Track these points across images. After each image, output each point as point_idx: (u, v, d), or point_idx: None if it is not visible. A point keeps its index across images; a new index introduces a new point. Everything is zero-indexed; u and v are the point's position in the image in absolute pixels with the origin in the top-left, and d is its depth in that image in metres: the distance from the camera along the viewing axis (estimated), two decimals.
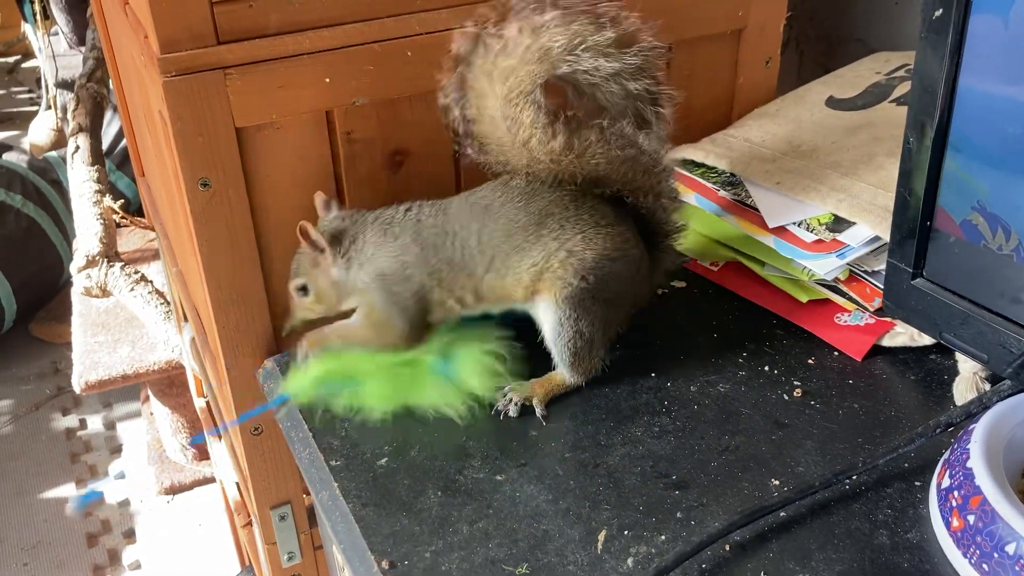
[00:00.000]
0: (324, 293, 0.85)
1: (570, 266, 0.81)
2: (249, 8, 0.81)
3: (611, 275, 0.82)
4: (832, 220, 0.88)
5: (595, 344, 0.83)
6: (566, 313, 0.81)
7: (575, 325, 0.81)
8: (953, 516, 0.68)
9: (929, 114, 0.68)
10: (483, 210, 0.83)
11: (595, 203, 0.83)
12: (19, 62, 4.81)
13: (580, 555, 0.70)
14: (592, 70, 0.79)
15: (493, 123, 0.81)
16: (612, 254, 0.82)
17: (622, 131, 0.81)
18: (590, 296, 0.81)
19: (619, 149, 0.81)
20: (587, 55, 0.78)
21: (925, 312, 0.75)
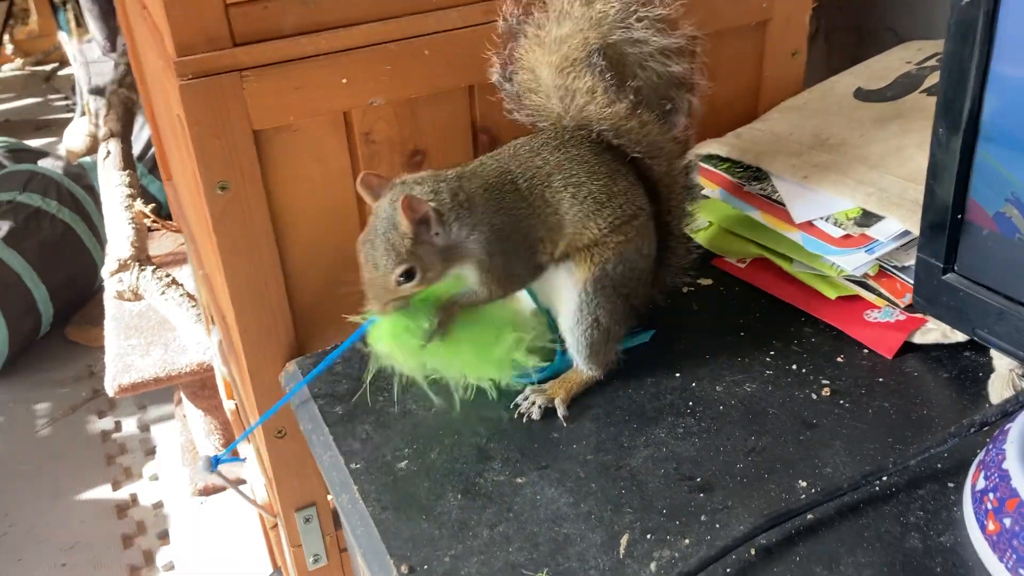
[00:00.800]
0: (430, 269, 0.76)
1: (597, 251, 0.80)
2: (264, 9, 0.80)
3: (634, 271, 0.82)
4: (860, 214, 0.85)
5: (611, 336, 0.83)
6: (585, 298, 0.81)
7: (594, 312, 0.81)
8: (989, 519, 0.65)
9: (959, 103, 0.66)
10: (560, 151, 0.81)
11: (631, 184, 0.83)
12: (56, 70, 4.88)
13: (602, 559, 0.69)
14: (642, 41, 0.80)
15: (547, 93, 0.81)
16: (643, 249, 0.83)
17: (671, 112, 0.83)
18: (611, 286, 0.81)
19: (665, 131, 0.83)
20: (640, 25, 0.79)
21: (957, 308, 0.73)
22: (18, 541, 2.17)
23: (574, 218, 0.80)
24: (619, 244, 0.80)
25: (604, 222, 0.80)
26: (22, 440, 2.48)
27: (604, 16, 0.78)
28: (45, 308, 2.71)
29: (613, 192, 0.80)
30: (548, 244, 0.81)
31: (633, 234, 0.81)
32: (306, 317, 0.94)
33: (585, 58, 0.78)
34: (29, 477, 2.36)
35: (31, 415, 2.58)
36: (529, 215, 0.79)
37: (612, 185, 0.81)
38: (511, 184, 0.79)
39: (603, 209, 0.80)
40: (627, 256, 0.81)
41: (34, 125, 4.31)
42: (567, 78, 0.79)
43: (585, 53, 0.78)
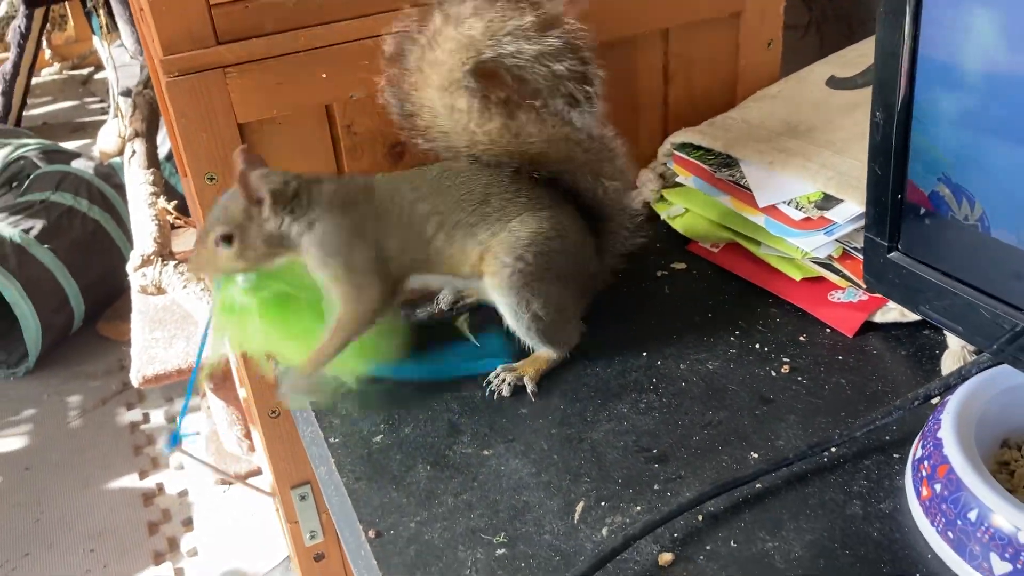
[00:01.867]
0: (251, 246, 0.81)
1: (507, 245, 0.83)
2: (246, 9, 0.85)
3: (551, 254, 0.84)
4: (821, 198, 0.88)
5: (559, 321, 0.86)
6: (516, 299, 0.83)
7: (528, 308, 0.84)
8: (923, 485, 0.68)
9: (893, 87, 0.69)
10: (433, 181, 0.85)
11: (532, 186, 0.86)
12: (92, 74, 5.01)
13: (557, 525, 0.72)
14: (515, 53, 0.81)
15: (433, 113, 0.84)
16: (548, 233, 0.83)
17: (555, 110, 0.84)
18: (534, 277, 0.83)
19: (553, 127, 0.85)
20: (507, 39, 0.80)
21: (903, 285, 0.75)
22: (49, 527, 2.25)
23: (447, 243, 0.83)
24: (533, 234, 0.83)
25: (483, 237, 0.83)
26: (54, 432, 2.57)
27: (471, 37, 0.81)
28: (77, 304, 2.80)
29: (485, 213, 0.83)
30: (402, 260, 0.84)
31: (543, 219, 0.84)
32: None
33: (462, 79, 0.82)
34: (60, 467, 2.44)
35: (63, 407, 2.66)
36: (378, 230, 0.82)
37: (486, 203, 0.84)
38: (366, 199, 0.83)
39: (476, 232, 0.83)
40: (537, 245, 0.83)
41: (70, 127, 4.43)
42: (450, 97, 0.83)
43: (461, 74, 0.82)
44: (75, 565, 2.13)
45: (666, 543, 0.69)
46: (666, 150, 1.05)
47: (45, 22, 4.07)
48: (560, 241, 0.84)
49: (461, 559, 0.70)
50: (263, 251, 0.81)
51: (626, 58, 1.03)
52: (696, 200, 1.01)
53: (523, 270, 0.83)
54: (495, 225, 0.84)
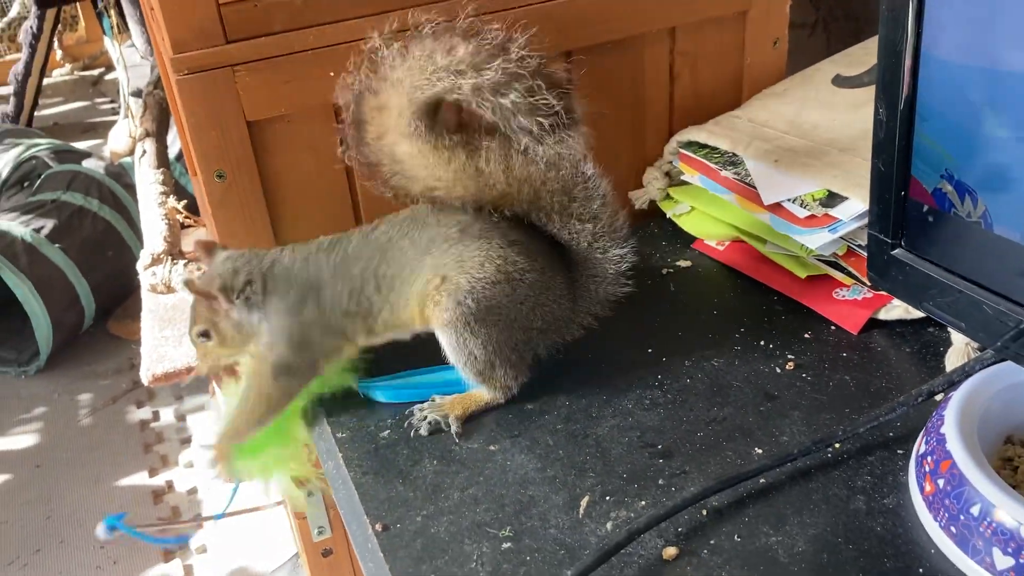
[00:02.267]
0: (227, 335, 0.85)
1: (445, 292, 0.80)
2: (255, 8, 0.86)
3: (494, 298, 0.80)
4: (826, 196, 0.89)
5: (497, 365, 0.83)
6: (453, 337, 0.81)
7: (465, 347, 0.81)
8: (926, 481, 0.69)
9: (896, 85, 0.69)
10: (379, 247, 0.83)
11: (486, 228, 0.82)
12: (102, 74, 5.04)
13: (562, 519, 0.73)
14: (452, 89, 0.76)
15: (393, 159, 0.81)
16: (492, 277, 0.80)
17: (518, 146, 0.80)
18: (474, 319, 0.80)
19: (515, 167, 0.81)
20: (440, 76, 0.75)
21: (906, 282, 0.76)
22: (60, 524, 2.26)
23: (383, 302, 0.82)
24: (473, 282, 0.80)
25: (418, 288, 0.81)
26: (65, 429, 2.59)
27: (400, 82, 0.77)
28: (88, 303, 2.81)
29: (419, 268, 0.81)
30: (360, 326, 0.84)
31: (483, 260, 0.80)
32: None
33: (408, 123, 0.78)
34: (71, 464, 2.46)
35: (74, 406, 2.68)
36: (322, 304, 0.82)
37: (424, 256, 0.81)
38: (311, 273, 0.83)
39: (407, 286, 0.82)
40: (488, 287, 0.80)
41: (81, 128, 4.45)
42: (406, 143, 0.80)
43: (407, 118, 0.78)
44: (86, 562, 2.15)
45: (670, 537, 0.70)
46: (672, 148, 1.06)
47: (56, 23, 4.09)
48: (506, 286, 0.81)
49: (467, 552, 0.70)
50: (238, 337, 0.85)
51: (632, 56, 1.03)
52: (702, 198, 1.02)
53: (466, 313, 0.80)
54: (428, 271, 0.81)
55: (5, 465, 2.48)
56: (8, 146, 3.22)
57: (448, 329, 0.81)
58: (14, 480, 2.42)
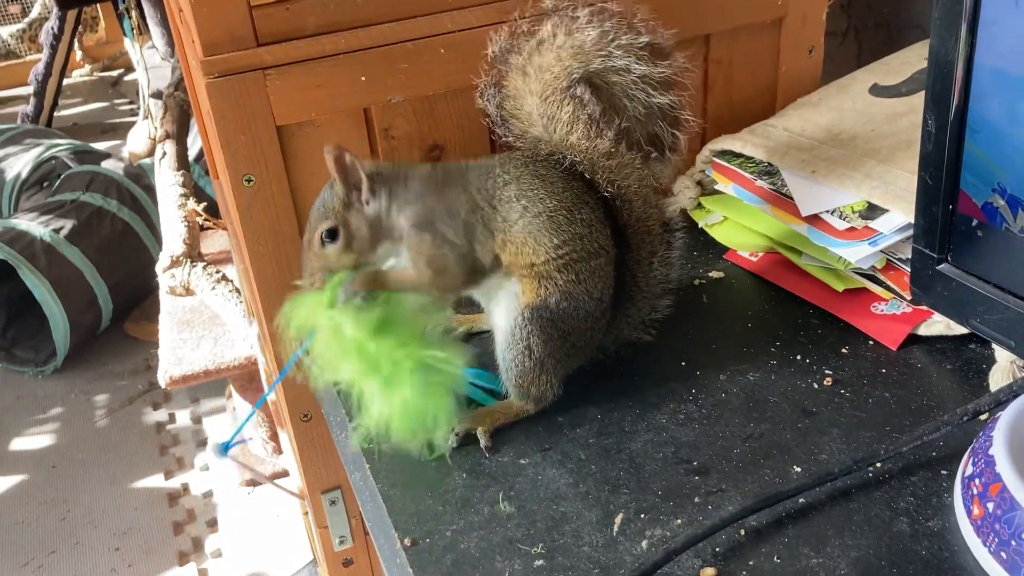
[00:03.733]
0: (356, 236, 0.79)
1: (536, 277, 0.79)
2: (286, 11, 0.85)
3: (579, 311, 0.81)
4: (866, 207, 0.87)
5: (543, 369, 0.81)
6: (524, 324, 0.80)
7: (527, 339, 0.79)
8: (974, 504, 0.67)
9: (946, 96, 0.67)
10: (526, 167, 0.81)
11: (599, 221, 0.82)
12: (122, 75, 5.06)
13: (596, 537, 0.71)
14: (623, 69, 0.79)
15: (530, 120, 0.82)
16: (595, 293, 0.81)
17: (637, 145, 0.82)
18: (550, 319, 0.79)
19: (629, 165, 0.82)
20: (619, 53, 0.78)
21: (951, 298, 0.74)
22: (76, 525, 2.26)
23: (522, 230, 0.79)
24: (568, 283, 0.80)
25: (556, 247, 0.79)
26: (81, 430, 2.59)
27: (582, 44, 0.79)
28: (105, 304, 2.81)
29: (573, 219, 0.79)
30: (487, 248, 0.80)
31: (587, 275, 0.80)
32: None
33: (567, 87, 0.79)
34: (87, 465, 2.46)
35: (90, 406, 2.68)
36: (470, 211, 0.79)
37: (574, 212, 0.80)
38: (459, 181, 0.80)
39: (559, 232, 0.79)
40: (575, 295, 0.80)
41: (100, 128, 4.47)
42: (550, 106, 0.81)
43: (567, 82, 0.79)
44: (101, 564, 2.14)
45: (708, 558, 0.68)
46: (705, 157, 1.04)
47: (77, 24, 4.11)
48: (597, 302, 0.81)
49: (499, 570, 0.69)
50: (367, 238, 0.79)
51: None
52: (735, 208, 1.00)
53: (553, 310, 0.79)
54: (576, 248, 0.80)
55: (21, 465, 2.48)
56: (28, 146, 3.23)
57: (523, 315, 0.79)
58: (30, 481, 2.42)
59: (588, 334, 0.83)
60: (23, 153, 3.19)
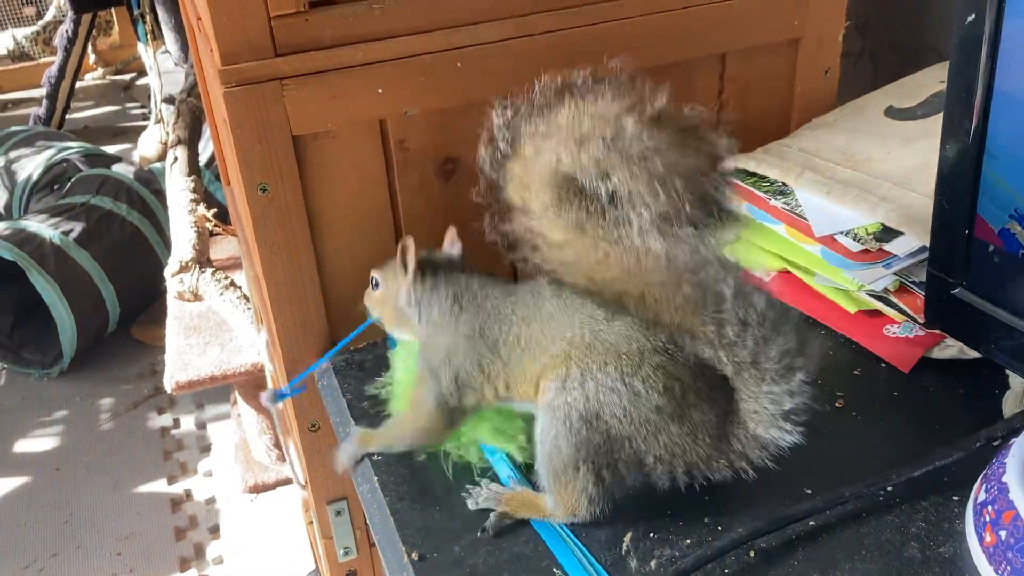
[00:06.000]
0: (385, 303, 0.83)
1: (556, 374, 0.72)
2: (305, 22, 0.85)
3: (607, 405, 0.70)
4: (880, 230, 0.86)
5: (577, 474, 0.71)
6: (548, 421, 0.72)
7: (555, 439, 0.72)
8: (986, 531, 0.66)
9: (965, 121, 0.67)
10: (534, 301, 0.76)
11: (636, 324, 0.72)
12: (134, 80, 5.07)
13: (604, 555, 0.71)
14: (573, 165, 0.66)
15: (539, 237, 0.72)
16: (610, 383, 0.70)
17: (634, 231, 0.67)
18: (576, 415, 0.71)
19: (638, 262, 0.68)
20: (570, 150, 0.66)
21: (966, 323, 0.74)
22: (78, 529, 2.26)
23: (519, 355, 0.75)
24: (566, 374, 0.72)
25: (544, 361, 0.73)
26: (85, 433, 2.58)
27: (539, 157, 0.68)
28: (113, 307, 2.82)
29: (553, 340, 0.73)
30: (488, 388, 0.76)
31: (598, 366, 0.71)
32: (340, 316, 0.98)
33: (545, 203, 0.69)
34: (90, 469, 2.45)
35: (95, 410, 2.68)
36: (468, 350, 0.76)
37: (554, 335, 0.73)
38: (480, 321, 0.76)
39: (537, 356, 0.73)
40: (591, 389, 0.71)
41: (111, 132, 4.48)
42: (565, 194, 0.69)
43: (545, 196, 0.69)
44: (102, 568, 2.14)
45: None
46: None
47: (92, 28, 4.13)
48: (628, 400, 0.70)
49: None
50: (391, 316, 0.84)
51: (681, 81, 1.02)
52: (748, 227, 0.99)
53: (564, 403, 0.71)
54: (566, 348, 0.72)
55: (25, 467, 2.48)
56: (39, 148, 3.24)
57: (546, 411, 0.72)
58: (33, 483, 2.42)
59: (659, 441, 0.71)
60: (35, 155, 3.20)
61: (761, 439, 0.71)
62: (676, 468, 0.72)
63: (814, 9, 1.04)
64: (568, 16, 0.93)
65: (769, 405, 0.70)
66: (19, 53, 5.00)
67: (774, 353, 0.69)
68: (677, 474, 0.72)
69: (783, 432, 0.71)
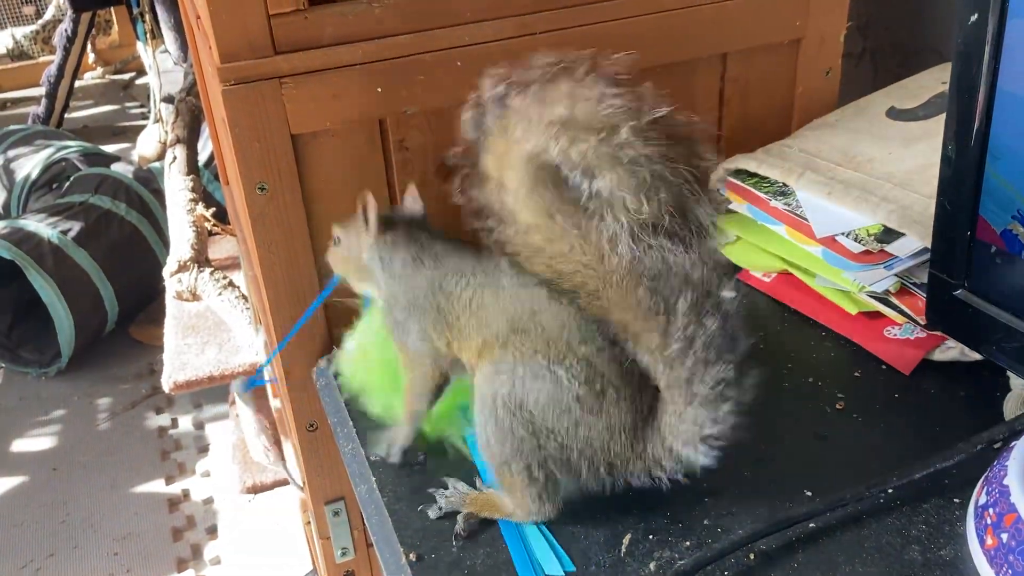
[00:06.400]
0: (348, 260, 0.81)
1: (488, 355, 0.72)
2: (304, 20, 0.84)
3: (531, 392, 0.69)
4: (881, 231, 0.86)
5: (511, 472, 0.70)
6: (479, 406, 0.72)
7: (484, 429, 0.71)
8: (987, 534, 0.66)
9: (968, 121, 0.67)
10: (493, 269, 0.74)
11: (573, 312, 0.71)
12: (133, 79, 5.07)
13: (603, 557, 0.70)
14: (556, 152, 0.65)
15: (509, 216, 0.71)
16: (536, 370, 0.69)
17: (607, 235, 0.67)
18: (501, 403, 0.70)
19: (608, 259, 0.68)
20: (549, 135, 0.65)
21: (968, 324, 0.73)
22: (75, 529, 2.25)
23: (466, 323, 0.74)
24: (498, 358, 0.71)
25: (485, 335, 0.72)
26: (83, 433, 2.58)
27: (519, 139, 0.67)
28: (111, 306, 2.81)
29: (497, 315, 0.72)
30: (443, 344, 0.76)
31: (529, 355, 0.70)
32: (338, 314, 0.97)
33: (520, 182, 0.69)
34: (88, 468, 2.45)
35: (93, 409, 2.67)
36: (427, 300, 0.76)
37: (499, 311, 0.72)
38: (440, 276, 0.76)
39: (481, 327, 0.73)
40: (518, 376, 0.69)
41: (110, 131, 4.48)
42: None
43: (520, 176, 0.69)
44: (99, 568, 2.13)
45: None
46: (719, 176, 1.03)
47: (91, 27, 4.12)
48: (553, 387, 0.69)
49: None
50: (353, 271, 0.82)
51: (682, 81, 1.02)
52: (749, 228, 0.99)
53: (492, 392, 0.70)
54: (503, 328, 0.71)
55: (22, 467, 2.48)
56: (38, 147, 3.24)
57: (477, 394, 0.72)
58: (30, 482, 2.42)
59: (579, 433, 0.70)
60: (33, 154, 3.20)
61: (676, 454, 0.71)
62: (598, 465, 0.71)
63: (816, 9, 1.04)
64: (568, 15, 0.93)
65: (691, 426, 0.69)
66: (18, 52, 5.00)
67: (709, 379, 0.68)
68: (601, 473, 0.71)
69: (698, 454, 0.70)
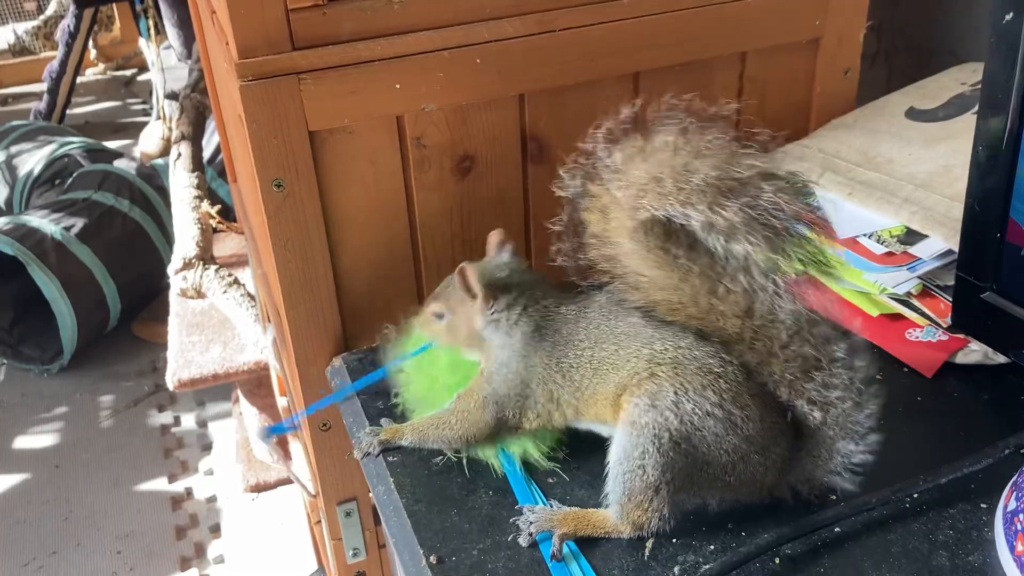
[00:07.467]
0: (458, 332, 0.79)
1: (646, 390, 0.70)
2: (323, 15, 0.84)
3: (701, 430, 0.69)
4: (904, 232, 0.85)
5: (657, 495, 0.69)
6: (632, 440, 0.70)
7: (640, 458, 0.69)
8: (1018, 540, 0.65)
9: (999, 122, 0.66)
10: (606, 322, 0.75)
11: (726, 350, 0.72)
12: (135, 75, 5.05)
13: (626, 560, 0.70)
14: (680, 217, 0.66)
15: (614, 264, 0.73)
16: (708, 408, 0.69)
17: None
18: (668, 436, 0.69)
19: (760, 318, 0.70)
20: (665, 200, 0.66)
21: (995, 327, 0.73)
22: (78, 526, 2.24)
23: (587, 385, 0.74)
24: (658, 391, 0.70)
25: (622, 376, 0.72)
26: (85, 431, 2.57)
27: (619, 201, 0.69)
28: (114, 303, 2.80)
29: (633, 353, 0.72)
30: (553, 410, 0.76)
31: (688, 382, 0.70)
32: (354, 313, 0.96)
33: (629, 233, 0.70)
34: (90, 466, 2.44)
35: (95, 407, 2.66)
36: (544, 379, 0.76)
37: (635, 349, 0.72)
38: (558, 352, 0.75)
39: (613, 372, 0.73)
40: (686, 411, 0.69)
41: (112, 127, 4.46)
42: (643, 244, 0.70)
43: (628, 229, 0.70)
44: (102, 566, 2.12)
45: None
46: None
47: (93, 23, 4.11)
48: (723, 427, 0.69)
49: None
50: (466, 342, 0.80)
51: (701, 80, 1.01)
52: None
53: (656, 423, 0.69)
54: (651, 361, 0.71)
55: (24, 464, 2.47)
56: (41, 143, 3.23)
57: (631, 429, 0.70)
58: (33, 480, 2.41)
59: (739, 468, 0.70)
60: (36, 150, 3.19)
61: (813, 478, 0.73)
62: (739, 495, 0.72)
63: (835, 8, 1.03)
64: (588, 12, 0.92)
65: (839, 457, 0.72)
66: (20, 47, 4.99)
67: (862, 418, 0.72)
68: (733, 500, 0.72)
69: (841, 479, 0.72)
